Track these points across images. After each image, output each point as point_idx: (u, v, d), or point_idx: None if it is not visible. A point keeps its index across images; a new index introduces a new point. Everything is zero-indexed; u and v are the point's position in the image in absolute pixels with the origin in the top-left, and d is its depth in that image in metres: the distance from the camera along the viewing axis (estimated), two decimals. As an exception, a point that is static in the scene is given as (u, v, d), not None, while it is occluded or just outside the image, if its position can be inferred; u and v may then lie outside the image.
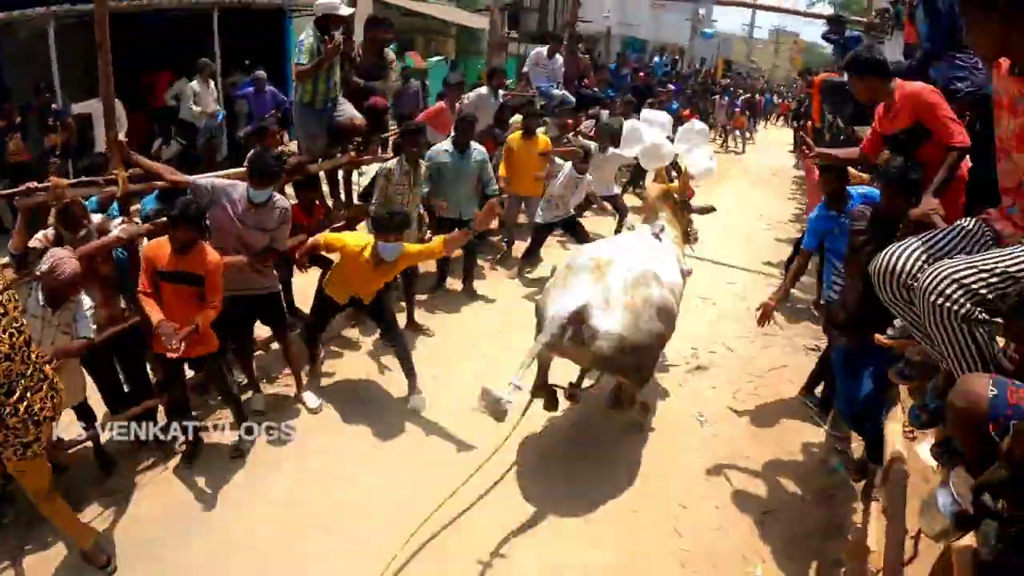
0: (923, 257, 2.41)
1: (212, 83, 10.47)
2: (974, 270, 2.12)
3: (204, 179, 4.51)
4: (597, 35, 23.19)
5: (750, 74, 38.36)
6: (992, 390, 1.75)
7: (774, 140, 23.45)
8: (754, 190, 14.27)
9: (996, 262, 2.14)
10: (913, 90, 3.78)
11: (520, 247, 8.16)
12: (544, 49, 9.83)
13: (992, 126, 2.44)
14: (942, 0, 4.19)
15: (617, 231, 7.99)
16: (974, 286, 2.09)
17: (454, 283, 7.24)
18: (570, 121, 9.37)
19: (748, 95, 21.70)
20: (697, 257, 8.95)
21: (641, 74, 13.73)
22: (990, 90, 2.76)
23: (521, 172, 7.73)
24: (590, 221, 8.84)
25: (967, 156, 3.67)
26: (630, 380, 4.36)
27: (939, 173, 3.55)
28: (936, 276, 2.14)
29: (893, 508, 2.87)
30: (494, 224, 7.87)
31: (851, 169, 6.88)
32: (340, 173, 6.61)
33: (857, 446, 4.43)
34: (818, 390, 5.35)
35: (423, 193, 6.32)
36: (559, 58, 9.79)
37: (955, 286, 2.10)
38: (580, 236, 7.51)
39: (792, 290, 7.55)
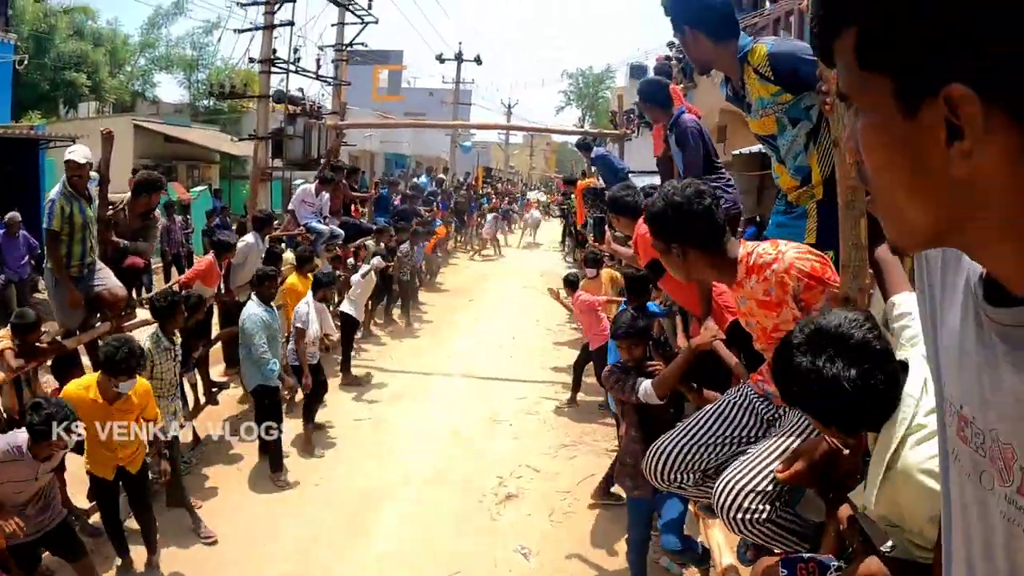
0: (693, 449, 2.52)
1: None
2: (764, 472, 2.17)
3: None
4: (361, 155, 23.68)
5: (510, 179, 41.16)
6: (783, 571, 1.84)
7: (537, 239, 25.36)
8: (525, 293, 14.76)
9: (781, 452, 2.21)
10: (642, 232, 4.18)
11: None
12: (311, 187, 9.85)
13: None
14: (691, 135, 4.68)
15: None
16: (769, 488, 2.15)
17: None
18: (340, 253, 9.40)
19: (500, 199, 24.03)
20: (482, 377, 9.20)
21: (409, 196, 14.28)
22: (778, 209, 3.08)
23: None
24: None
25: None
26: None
27: (697, 295, 3.93)
28: (730, 492, 2.18)
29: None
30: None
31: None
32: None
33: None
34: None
35: (271, 371, 5.90)
36: (325, 194, 9.86)
37: (751, 496, 2.15)
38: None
39: (580, 393, 8.08)
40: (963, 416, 0.77)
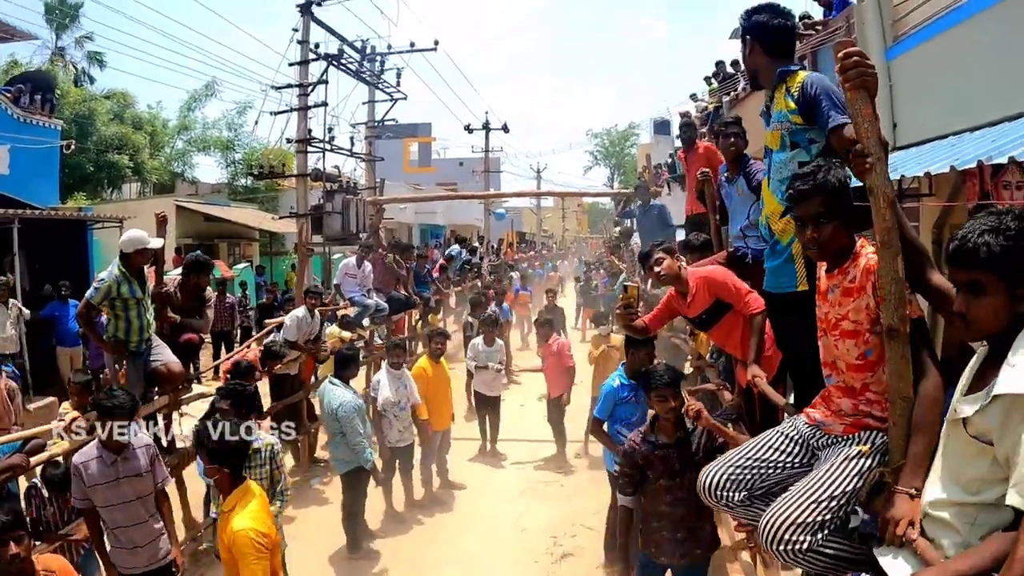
0: (740, 470, 2.65)
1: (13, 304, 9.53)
2: (809, 505, 2.26)
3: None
4: (397, 227, 24.21)
5: (544, 243, 41.56)
6: None
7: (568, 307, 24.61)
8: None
9: (825, 485, 2.29)
10: (703, 274, 4.22)
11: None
12: (352, 260, 10.08)
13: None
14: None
15: None
16: (812, 519, 2.24)
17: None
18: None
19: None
20: (528, 439, 9.18)
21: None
22: (767, 252, 3.29)
23: (439, 403, 7.22)
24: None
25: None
26: None
27: (751, 341, 3.93)
28: (771, 525, 2.28)
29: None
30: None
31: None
32: (160, 418, 6.13)
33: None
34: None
35: (367, 459, 5.87)
36: (367, 264, 10.06)
37: (793, 529, 2.24)
38: None
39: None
40: None
